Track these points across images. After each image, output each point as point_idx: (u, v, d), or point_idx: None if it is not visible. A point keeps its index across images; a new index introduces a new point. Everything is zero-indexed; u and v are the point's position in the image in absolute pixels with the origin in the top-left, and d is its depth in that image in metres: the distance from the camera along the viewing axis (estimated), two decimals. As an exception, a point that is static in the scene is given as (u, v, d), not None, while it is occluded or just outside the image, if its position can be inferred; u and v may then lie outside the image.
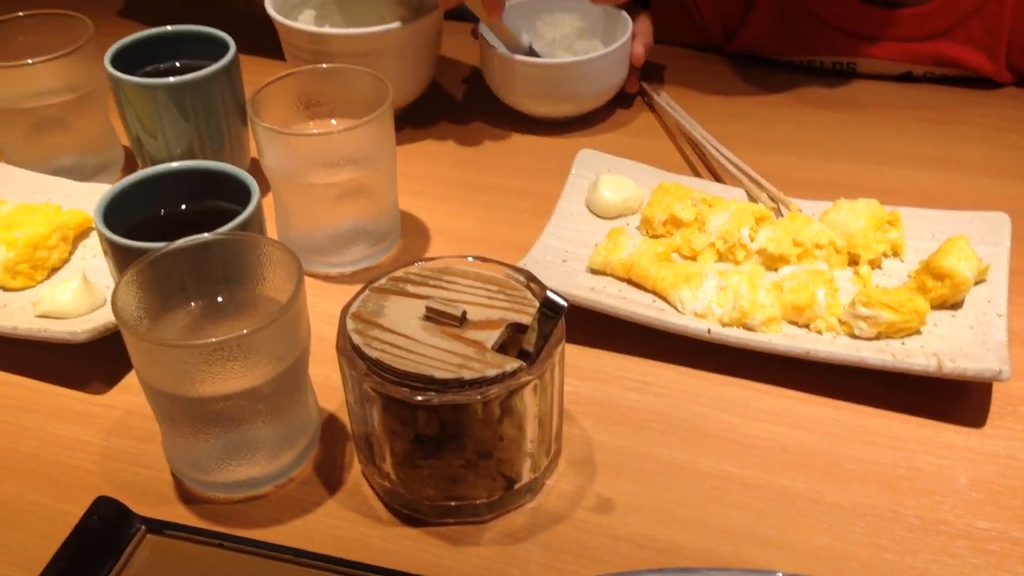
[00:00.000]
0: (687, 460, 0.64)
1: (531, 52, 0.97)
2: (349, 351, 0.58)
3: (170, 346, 0.57)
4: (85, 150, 0.91)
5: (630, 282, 0.76)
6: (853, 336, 0.70)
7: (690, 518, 0.60)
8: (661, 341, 0.71)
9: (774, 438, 0.66)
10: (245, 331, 0.56)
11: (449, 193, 0.91)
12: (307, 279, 0.79)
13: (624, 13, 0.99)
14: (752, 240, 0.78)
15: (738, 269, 0.76)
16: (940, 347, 0.68)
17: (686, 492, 0.62)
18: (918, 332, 0.70)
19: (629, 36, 0.97)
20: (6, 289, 0.75)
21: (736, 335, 0.70)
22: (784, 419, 0.67)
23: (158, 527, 0.58)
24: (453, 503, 0.60)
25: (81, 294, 0.72)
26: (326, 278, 0.81)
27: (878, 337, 0.70)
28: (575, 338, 0.72)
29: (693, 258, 0.78)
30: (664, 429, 0.67)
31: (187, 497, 0.62)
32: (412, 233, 0.86)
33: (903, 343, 0.70)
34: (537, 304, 0.58)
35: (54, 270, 0.78)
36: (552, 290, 0.57)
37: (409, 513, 0.61)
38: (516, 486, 0.61)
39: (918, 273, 0.74)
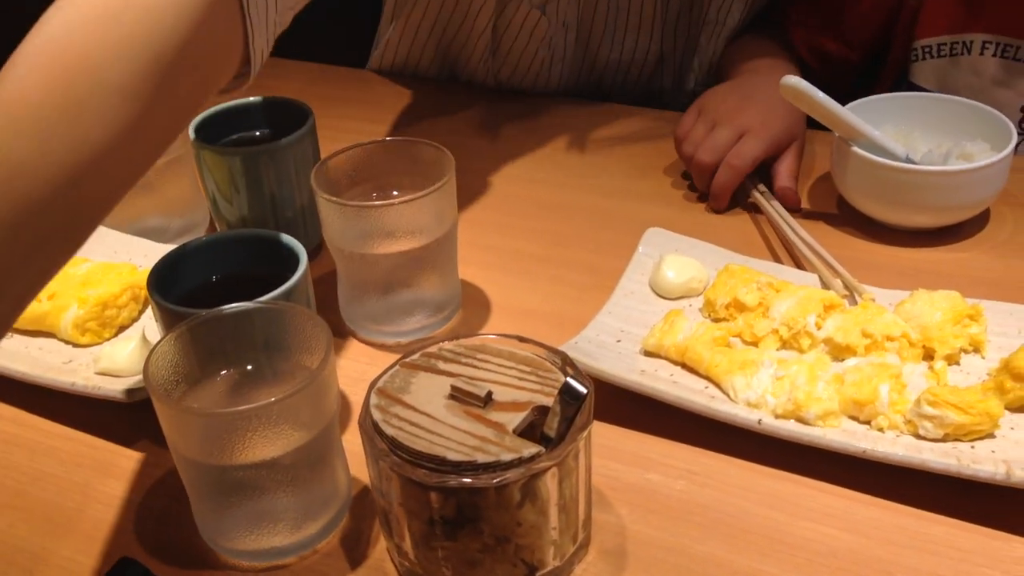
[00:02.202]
0: (725, 557, 0.61)
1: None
2: (369, 427, 0.58)
3: (194, 414, 0.58)
4: (170, 211, 0.94)
5: (684, 366, 0.74)
6: (918, 436, 0.66)
7: (721, 622, 0.57)
8: (711, 429, 0.68)
9: (822, 540, 0.62)
10: (273, 399, 0.57)
11: (515, 266, 0.90)
12: (362, 347, 0.81)
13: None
14: (819, 328, 0.74)
15: (800, 358, 0.72)
16: (1013, 453, 0.63)
17: (720, 593, 0.59)
18: (991, 436, 0.65)
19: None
20: (74, 345, 0.78)
21: (788, 428, 0.66)
22: (835, 520, 0.63)
23: (175, 592, 0.58)
24: (470, 588, 0.58)
25: (138, 353, 0.74)
26: (382, 347, 0.81)
27: (945, 439, 0.65)
28: (621, 421, 0.70)
29: (755, 344, 0.75)
30: (704, 523, 0.63)
31: (213, 563, 0.62)
32: (473, 305, 0.85)
33: (972, 447, 0.64)
34: (565, 387, 0.56)
35: (122, 328, 0.80)
36: (575, 375, 0.55)
37: (426, 595, 0.59)
38: (538, 574, 0.58)
39: (998, 372, 0.69)
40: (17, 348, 0.78)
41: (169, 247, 0.88)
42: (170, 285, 0.69)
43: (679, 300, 0.81)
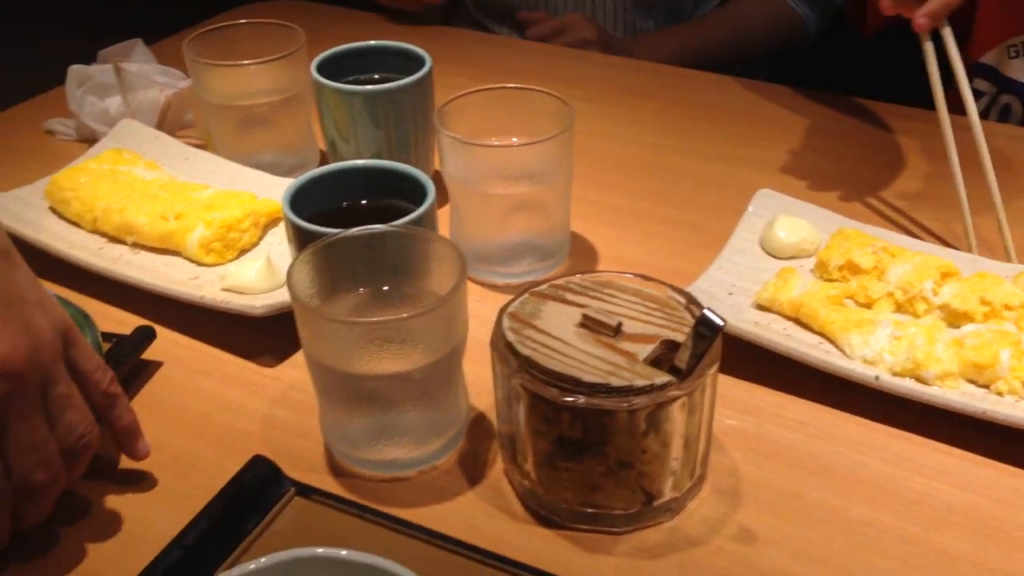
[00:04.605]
0: (839, 505, 0.61)
1: None
2: (502, 347, 0.59)
3: (334, 321, 0.60)
4: (284, 149, 0.97)
5: (797, 322, 0.74)
6: (1036, 401, 0.66)
7: (835, 561, 0.58)
8: (824, 383, 0.69)
9: (939, 496, 0.62)
10: (405, 315, 0.58)
11: (623, 221, 0.91)
12: (473, 285, 0.82)
13: None
14: (935, 295, 0.74)
15: (916, 321, 0.72)
16: None
17: (834, 535, 0.59)
18: (1111, 405, 0.65)
19: None
20: (199, 263, 0.81)
21: (907, 386, 0.67)
22: (952, 478, 0.63)
23: (306, 491, 0.61)
24: (590, 510, 0.59)
25: (264, 273, 0.76)
26: (492, 286, 0.82)
27: (1065, 405, 0.65)
28: (733, 371, 0.71)
29: (868, 306, 0.75)
30: (817, 471, 0.64)
31: (336, 470, 0.64)
32: (580, 254, 0.87)
33: (1093, 414, 0.64)
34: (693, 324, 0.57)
35: (243, 251, 0.83)
36: (711, 309, 0.56)
37: (546, 515, 0.61)
38: (656, 503, 0.60)
39: (1117, 345, 0.69)
40: (146, 263, 0.81)
41: (284, 180, 0.91)
42: (303, 207, 0.71)
43: (789, 260, 0.81)
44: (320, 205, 0.73)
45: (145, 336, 0.74)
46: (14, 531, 0.58)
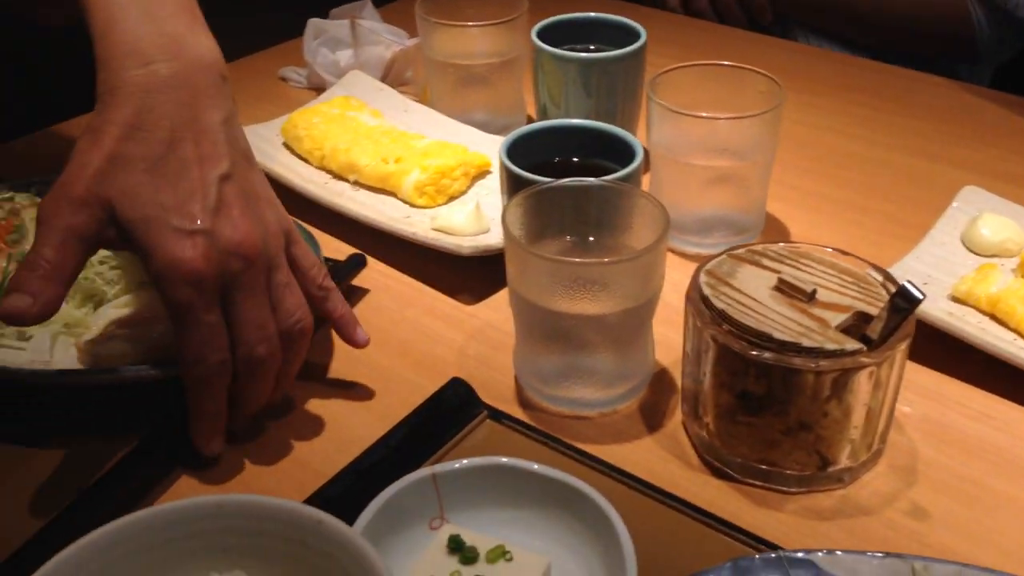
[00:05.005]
0: (1018, 495, 0.61)
1: None
2: (697, 300, 0.62)
3: (542, 258, 0.64)
4: (495, 109, 1.02)
5: (993, 317, 0.73)
6: None
7: (1011, 549, 0.58)
8: (1014, 379, 0.68)
9: (1126, 503, 0.61)
10: (607, 260, 0.62)
11: (820, 206, 0.92)
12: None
13: None
14: None
15: (1122, 330, 0.70)
16: None
17: (1012, 525, 0.59)
18: None
19: None
20: (411, 205, 0.87)
21: (1104, 390, 0.65)
22: None
23: (498, 415, 0.65)
24: (764, 467, 0.61)
25: (472, 218, 0.81)
26: (682, 254, 0.85)
27: None
28: (921, 358, 0.71)
29: (1071, 312, 0.74)
30: (998, 461, 0.64)
31: (523, 402, 0.69)
32: (773, 234, 0.88)
33: None
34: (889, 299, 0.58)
35: (452, 198, 0.89)
36: (910, 282, 0.57)
37: (720, 467, 0.63)
38: (830, 468, 0.61)
39: None
40: (364, 200, 0.88)
41: (495, 137, 0.96)
42: (517, 158, 0.76)
43: (991, 258, 0.80)
44: (532, 158, 0.78)
45: (357, 264, 0.81)
46: (232, 423, 0.64)
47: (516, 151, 0.77)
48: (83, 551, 0.44)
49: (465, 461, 0.55)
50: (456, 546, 0.52)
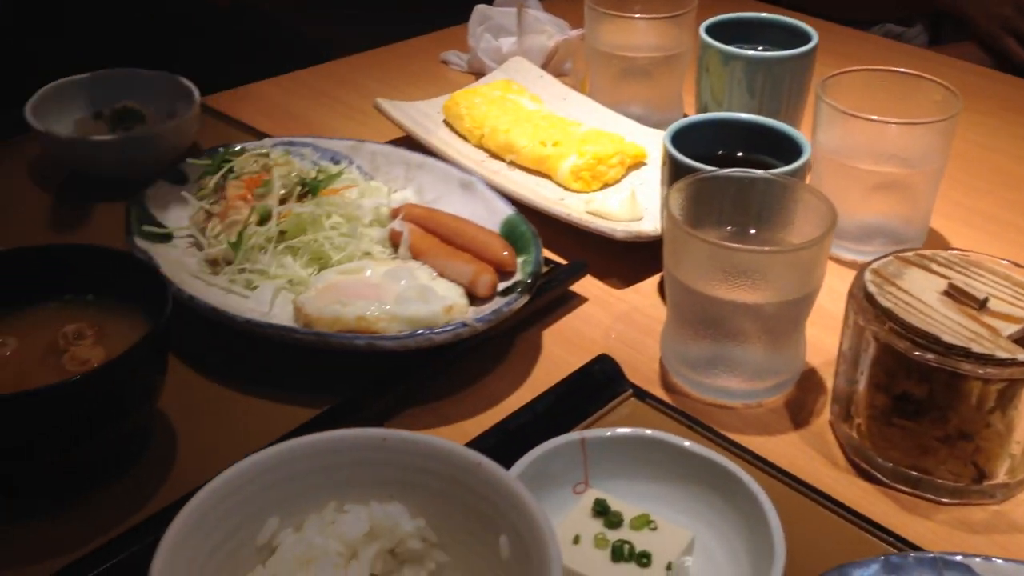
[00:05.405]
0: None
1: None
2: (861, 297, 0.61)
3: (704, 242, 0.64)
4: (653, 104, 1.02)
5: None
6: None
7: None
8: None
9: None
10: (768, 248, 0.62)
11: (986, 226, 0.89)
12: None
13: None
14: None
15: None
16: None
17: None
18: None
19: None
20: (566, 188, 0.88)
21: None
22: None
23: (643, 395, 0.66)
24: (915, 473, 0.60)
25: (627, 204, 0.82)
26: (838, 260, 0.83)
27: None
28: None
29: None
30: None
31: (667, 386, 0.69)
32: (935, 247, 0.85)
33: None
34: (1069, 313, 0.56)
35: (606, 185, 0.89)
36: (1095, 296, 0.55)
37: (868, 469, 0.62)
38: (986, 482, 0.59)
39: None
40: (519, 180, 0.90)
41: (652, 130, 0.96)
42: (681, 146, 0.76)
43: None
44: (696, 148, 0.77)
45: (578, 269, 0.79)
46: None
47: (679, 141, 0.77)
48: (256, 466, 0.46)
49: (617, 430, 0.56)
50: (601, 509, 0.53)
